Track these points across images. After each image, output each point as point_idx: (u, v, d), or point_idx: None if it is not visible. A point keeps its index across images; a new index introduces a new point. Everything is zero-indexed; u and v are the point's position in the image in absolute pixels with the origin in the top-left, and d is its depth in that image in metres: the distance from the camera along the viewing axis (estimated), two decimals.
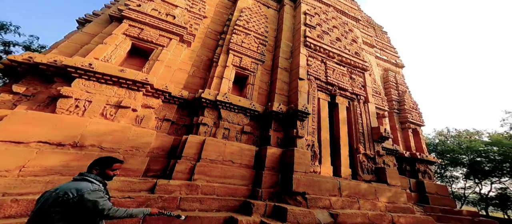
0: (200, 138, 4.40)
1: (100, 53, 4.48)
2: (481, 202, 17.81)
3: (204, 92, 4.92)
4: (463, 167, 17.41)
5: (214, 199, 3.57)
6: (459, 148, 17.46)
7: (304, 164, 4.58)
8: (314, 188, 4.39)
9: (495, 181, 16.32)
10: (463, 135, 19.11)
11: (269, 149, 4.79)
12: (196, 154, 4.14)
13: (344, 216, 4.07)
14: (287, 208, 3.49)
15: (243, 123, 5.27)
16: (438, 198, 7.57)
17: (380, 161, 6.27)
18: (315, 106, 6.22)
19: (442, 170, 19.10)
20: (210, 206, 3.50)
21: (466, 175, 17.47)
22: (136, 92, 4.34)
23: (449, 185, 19.25)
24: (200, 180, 3.85)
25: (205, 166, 4.04)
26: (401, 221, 4.63)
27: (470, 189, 18.57)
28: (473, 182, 17.68)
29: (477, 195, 18.17)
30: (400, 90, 11.17)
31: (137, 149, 3.89)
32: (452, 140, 19.27)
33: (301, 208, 3.69)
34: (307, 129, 5.59)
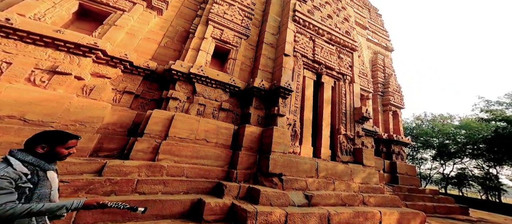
0: (168, 113, 4.03)
1: (28, 9, 3.78)
2: (443, 181, 19.94)
3: (176, 64, 4.44)
4: (433, 150, 19.05)
5: (183, 181, 3.36)
6: (432, 131, 18.88)
7: (283, 144, 4.50)
8: (291, 169, 4.38)
9: (458, 162, 18.17)
10: (437, 119, 20.51)
11: (248, 127, 4.60)
12: (163, 131, 3.81)
13: (318, 197, 4.16)
14: (260, 190, 3.44)
15: (222, 100, 4.96)
16: (407, 178, 8.18)
17: (359, 142, 6.43)
18: (299, 84, 6.02)
19: (414, 153, 20.79)
20: (177, 189, 3.29)
21: (434, 157, 19.23)
22: (82, 57, 3.79)
23: (418, 167, 21.18)
24: (167, 160, 3.58)
25: (173, 145, 3.74)
26: (371, 201, 4.88)
27: (435, 169, 20.57)
28: (439, 164, 19.56)
29: (440, 175, 20.24)
30: (386, 73, 11.30)
31: (82, 123, 3.46)
32: (427, 124, 20.68)
33: (275, 190, 3.67)
34: (289, 108, 5.44)
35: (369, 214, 4.20)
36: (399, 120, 9.96)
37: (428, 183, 21.08)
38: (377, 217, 4.27)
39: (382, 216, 4.33)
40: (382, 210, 4.49)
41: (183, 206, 2.96)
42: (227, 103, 4.99)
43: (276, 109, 4.94)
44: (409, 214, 4.66)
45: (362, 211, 4.18)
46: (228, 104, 5.01)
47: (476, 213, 10.08)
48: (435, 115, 21.17)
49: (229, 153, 4.40)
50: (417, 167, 21.28)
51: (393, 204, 5.12)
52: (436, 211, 6.90)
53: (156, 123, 3.79)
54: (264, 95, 5.42)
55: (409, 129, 21.11)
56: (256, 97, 5.33)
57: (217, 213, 3.05)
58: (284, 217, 3.19)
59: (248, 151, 4.46)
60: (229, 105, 5.10)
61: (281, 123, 4.95)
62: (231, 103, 5.22)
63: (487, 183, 16.30)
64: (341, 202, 4.47)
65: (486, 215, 9.73)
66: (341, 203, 4.47)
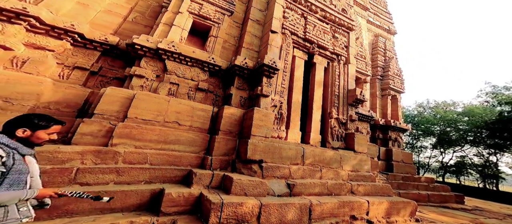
0: (127, 91, 3.60)
1: None
2: (441, 169, 20.03)
3: (140, 38, 3.97)
4: (433, 137, 18.95)
5: (145, 169, 3.01)
6: (433, 118, 18.67)
7: (265, 127, 4.17)
8: (274, 156, 4.08)
9: (458, 150, 18.13)
10: (440, 106, 20.22)
11: (227, 109, 4.24)
12: (121, 112, 3.41)
13: (301, 186, 3.90)
14: (233, 178, 3.15)
15: (199, 79, 4.57)
16: (402, 166, 8.00)
17: (353, 127, 6.14)
18: (287, 63, 5.60)
19: (414, 141, 20.72)
20: (136, 178, 2.91)
21: (434, 145, 19.17)
22: (7, 24, 3.34)
23: (417, 155, 21.21)
24: (124, 145, 3.20)
25: (134, 128, 3.34)
26: (360, 189, 4.66)
27: (434, 158, 20.60)
28: (439, 152, 19.55)
29: (439, 163, 20.32)
30: (387, 57, 10.81)
31: (8, 100, 3.01)
32: (429, 112, 20.42)
33: (252, 178, 3.39)
34: (275, 89, 5.07)
35: (356, 204, 3.98)
36: (398, 105, 9.64)
37: (426, 172, 21.23)
38: (364, 207, 4.05)
39: (370, 206, 4.11)
40: (370, 199, 4.27)
41: (141, 198, 2.64)
42: (205, 83, 4.60)
43: (259, 88, 4.57)
44: (399, 203, 4.45)
45: (348, 200, 3.94)
46: (207, 84, 4.62)
47: (471, 201, 10.06)
48: (438, 102, 20.88)
49: (206, 137, 4.07)
50: (416, 155, 21.36)
51: (384, 193, 4.91)
52: (430, 200, 6.76)
53: (112, 103, 3.37)
54: (248, 74, 5.03)
55: (411, 117, 20.92)
56: (239, 76, 4.94)
57: (180, 204, 2.77)
58: (257, 209, 2.93)
59: (227, 135, 4.13)
60: (209, 85, 4.72)
61: (264, 104, 4.60)
62: (212, 84, 4.84)
63: (486, 171, 16.35)
64: (327, 192, 4.23)
65: (481, 204, 9.71)
66: (327, 192, 4.23)
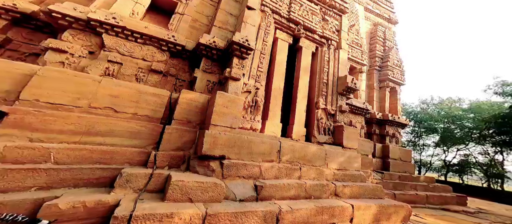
0: (27, 66, 2.82)
1: None
2: (443, 168, 19.59)
3: (63, 5, 3.26)
4: (437, 135, 18.45)
5: (41, 170, 2.28)
6: (437, 115, 18.15)
7: (230, 116, 3.56)
8: (241, 151, 3.49)
9: (462, 148, 17.65)
10: (444, 102, 19.69)
11: (185, 93, 3.63)
12: (13, 92, 2.63)
13: (272, 188, 3.33)
14: (173, 178, 2.53)
15: (155, 60, 3.95)
16: (400, 164, 7.46)
17: (344, 119, 5.57)
18: (266, 44, 4.97)
19: (416, 138, 20.21)
20: (20, 183, 2.15)
21: (437, 143, 18.68)
22: None
23: (418, 153, 20.73)
24: (10, 137, 2.41)
25: (30, 113, 2.57)
26: (345, 191, 4.10)
27: (437, 156, 20.13)
28: (442, 150, 19.07)
29: (441, 161, 19.87)
30: (386, 46, 10.19)
31: None
32: (433, 108, 19.89)
33: (205, 179, 2.79)
34: (249, 72, 4.46)
35: (338, 209, 3.42)
36: (397, 98, 9.05)
37: (427, 171, 20.80)
38: (347, 213, 3.49)
39: (355, 211, 3.55)
40: (356, 203, 3.71)
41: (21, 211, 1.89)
42: (162, 64, 3.98)
43: (227, 70, 3.96)
44: (390, 207, 3.90)
45: (328, 205, 3.38)
46: (165, 65, 4.01)
47: (475, 202, 9.58)
48: (442, 98, 20.30)
49: (158, 128, 3.45)
50: (418, 154, 20.89)
51: (374, 195, 4.35)
52: (429, 201, 6.24)
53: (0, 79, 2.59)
54: (218, 56, 4.43)
55: (413, 114, 20.35)
56: (207, 58, 4.34)
57: (80, 218, 2.10)
58: (199, 221, 2.31)
59: (184, 125, 3.53)
60: (169, 67, 4.12)
61: (234, 88, 4.00)
62: (174, 66, 4.23)
63: (491, 170, 15.90)
64: (305, 195, 3.67)
65: (485, 205, 9.23)
66: (305, 195, 3.66)
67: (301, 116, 5.24)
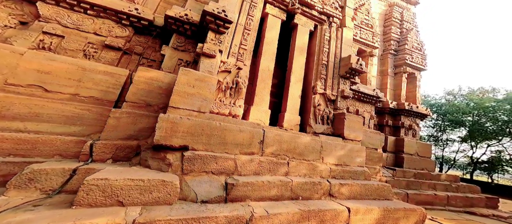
0: None
1: None
2: (469, 166, 18.04)
3: None
4: (464, 128, 16.90)
5: None
6: (466, 107, 16.54)
7: (198, 98, 3.03)
8: (210, 140, 2.95)
9: (494, 144, 16.05)
10: (475, 92, 17.92)
11: (144, 71, 3.12)
12: None
13: (247, 187, 2.77)
14: (92, 177, 2.00)
15: (112, 35, 3.47)
16: (417, 160, 6.62)
17: (346, 106, 4.86)
18: (252, 18, 4.36)
19: (439, 133, 18.67)
20: None
21: (464, 138, 17.13)
22: None
23: (440, 149, 19.22)
24: None
25: None
26: (342, 191, 3.47)
27: (462, 152, 18.56)
28: (469, 145, 17.50)
29: (467, 158, 18.30)
30: (404, 28, 9.13)
31: None
32: (461, 99, 18.18)
33: (147, 176, 2.26)
34: (230, 49, 3.89)
35: (329, 213, 2.81)
36: (416, 86, 8.09)
37: (450, 168, 19.29)
38: (342, 218, 2.88)
39: (352, 216, 2.93)
40: (354, 205, 3.08)
41: None
42: (121, 39, 3.49)
43: (200, 46, 3.41)
44: (399, 210, 3.22)
45: (316, 209, 2.78)
46: (125, 42, 3.52)
47: (508, 205, 8.47)
48: (473, 88, 18.44)
49: (109, 113, 2.99)
50: (440, 150, 19.38)
51: (380, 196, 3.68)
52: (451, 203, 5.42)
53: None
54: (193, 32, 3.90)
55: (437, 106, 18.72)
56: (179, 34, 3.82)
57: None
58: None
59: (140, 109, 3.03)
60: (134, 45, 3.64)
61: (207, 67, 3.44)
62: (140, 44, 3.75)
63: None
64: (290, 195, 3.08)
65: None
66: (290, 195, 3.08)
67: (294, 102, 4.62)
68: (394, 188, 5.22)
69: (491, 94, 17.30)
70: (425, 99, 20.38)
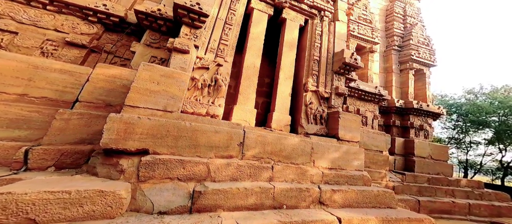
0: None
1: None
2: (499, 171, 16.55)
3: None
4: (490, 129, 15.63)
5: None
6: (489, 106, 15.37)
7: (164, 95, 2.77)
8: (178, 142, 2.65)
9: None
10: (499, 91, 16.71)
11: (103, 68, 2.92)
12: None
13: (217, 194, 2.44)
14: None
15: (76, 32, 3.35)
16: (430, 164, 5.98)
17: (340, 103, 4.46)
18: (234, 12, 4.15)
19: (462, 135, 17.39)
20: None
21: (490, 141, 15.80)
22: None
23: (463, 153, 17.86)
24: None
25: None
26: (335, 198, 3.04)
27: (490, 156, 17.10)
28: (497, 148, 16.10)
29: (496, 163, 16.82)
30: (408, 23, 8.69)
31: None
32: (483, 99, 16.98)
33: (75, 187, 1.97)
34: (208, 44, 3.66)
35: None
36: (425, 83, 7.54)
37: (477, 173, 17.78)
38: None
39: None
40: (347, 215, 2.66)
41: None
42: (87, 36, 3.35)
43: (171, 40, 3.21)
44: (402, 221, 2.75)
45: (300, 220, 2.41)
46: (91, 39, 3.38)
47: None
48: (496, 86, 17.20)
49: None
50: (463, 153, 18.00)
51: (380, 204, 3.21)
52: (473, 212, 4.75)
53: None
54: (169, 28, 3.75)
55: (456, 106, 17.55)
56: (153, 30, 3.67)
57: None
58: None
59: (97, 109, 2.80)
60: (103, 43, 3.49)
61: (179, 63, 3.20)
62: (111, 42, 3.61)
63: None
64: (271, 203, 2.71)
65: None
66: (271, 204, 2.71)
67: (284, 100, 4.29)
68: (404, 194, 4.67)
69: None
70: (442, 99, 19.22)
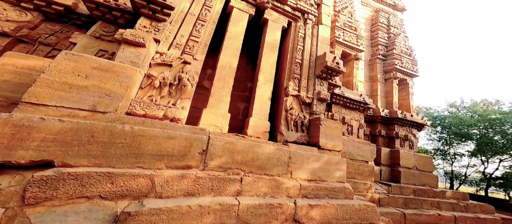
0: None
1: None
2: (482, 182, 16.89)
3: None
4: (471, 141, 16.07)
5: None
6: (470, 119, 15.89)
7: (92, 91, 2.28)
8: (108, 151, 2.16)
9: (507, 159, 15.08)
10: (478, 105, 17.38)
11: (13, 58, 2.35)
12: None
13: (156, 215, 1.97)
14: None
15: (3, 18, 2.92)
16: (416, 175, 5.79)
17: (322, 109, 4.20)
18: (210, 9, 3.85)
19: (446, 147, 17.77)
20: None
21: (473, 152, 16.20)
22: None
23: (448, 163, 18.20)
24: None
25: None
26: (312, 215, 2.70)
27: (473, 167, 17.50)
28: (479, 160, 16.51)
29: (479, 174, 17.22)
30: (391, 33, 8.80)
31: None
32: (464, 112, 17.59)
33: None
34: (173, 40, 3.31)
35: None
36: (409, 93, 7.51)
37: (462, 184, 18.06)
38: None
39: None
40: None
41: None
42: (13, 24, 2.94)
43: (120, 31, 2.81)
44: None
45: None
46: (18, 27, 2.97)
47: None
48: (475, 101, 17.92)
49: None
50: (448, 164, 18.31)
51: (362, 219, 2.89)
52: None
53: None
54: (128, 21, 3.40)
55: (440, 118, 18.02)
56: (106, 22, 3.30)
57: None
58: None
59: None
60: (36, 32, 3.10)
61: (130, 57, 2.78)
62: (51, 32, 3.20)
63: None
64: (234, 223, 2.33)
65: None
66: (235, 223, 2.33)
67: (263, 105, 3.97)
68: (390, 207, 4.40)
69: (495, 106, 16.71)
70: (427, 112, 19.76)
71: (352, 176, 4.78)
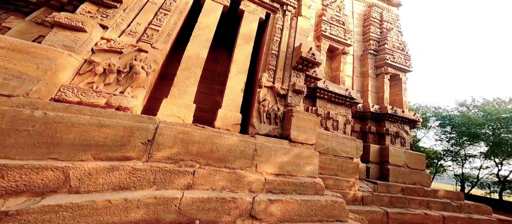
0: None
1: None
2: (495, 185, 16.02)
3: None
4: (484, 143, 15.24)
5: None
6: (482, 118, 15.08)
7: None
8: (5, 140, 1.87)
9: None
10: (490, 103, 16.51)
11: None
12: None
13: (50, 213, 1.67)
14: None
15: None
16: (406, 173, 5.45)
17: (298, 101, 3.95)
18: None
19: (457, 147, 16.90)
20: None
21: (486, 154, 15.35)
22: None
23: (458, 166, 17.33)
24: None
25: None
26: (272, 210, 2.44)
27: (487, 169, 16.58)
28: (493, 162, 15.68)
29: (493, 176, 16.31)
30: (384, 28, 8.52)
31: None
32: (475, 111, 16.73)
33: None
34: (128, 27, 3.12)
35: None
36: (401, 88, 7.19)
37: (474, 187, 17.15)
38: None
39: None
40: None
41: None
42: None
43: (55, 14, 2.62)
44: None
45: None
46: None
47: None
48: (487, 99, 17.03)
49: None
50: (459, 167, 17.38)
51: (328, 217, 2.62)
52: None
53: None
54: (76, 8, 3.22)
55: (449, 118, 17.20)
56: (52, 8, 3.16)
57: None
58: None
59: None
60: None
61: (62, 40, 2.55)
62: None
63: None
64: (174, 218, 2.07)
65: None
66: (173, 220, 2.08)
67: (234, 96, 3.73)
68: (373, 206, 4.10)
69: (509, 105, 15.82)
70: (436, 111, 18.83)
71: (334, 172, 4.49)
